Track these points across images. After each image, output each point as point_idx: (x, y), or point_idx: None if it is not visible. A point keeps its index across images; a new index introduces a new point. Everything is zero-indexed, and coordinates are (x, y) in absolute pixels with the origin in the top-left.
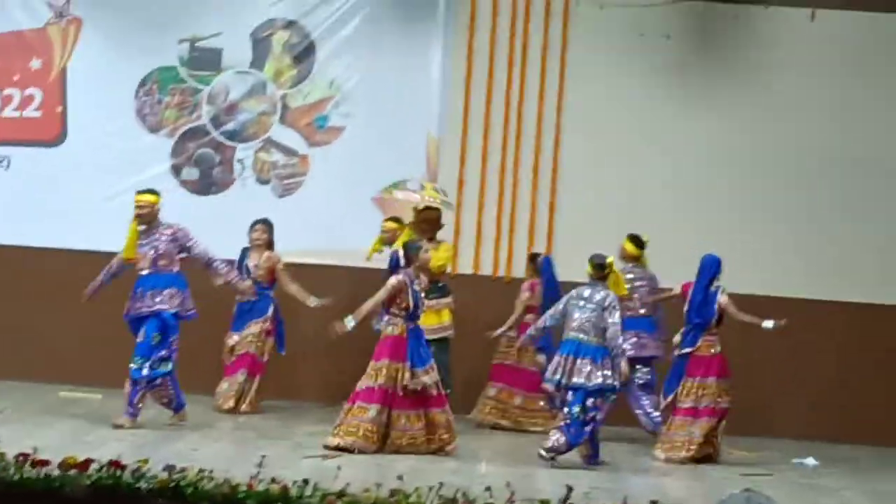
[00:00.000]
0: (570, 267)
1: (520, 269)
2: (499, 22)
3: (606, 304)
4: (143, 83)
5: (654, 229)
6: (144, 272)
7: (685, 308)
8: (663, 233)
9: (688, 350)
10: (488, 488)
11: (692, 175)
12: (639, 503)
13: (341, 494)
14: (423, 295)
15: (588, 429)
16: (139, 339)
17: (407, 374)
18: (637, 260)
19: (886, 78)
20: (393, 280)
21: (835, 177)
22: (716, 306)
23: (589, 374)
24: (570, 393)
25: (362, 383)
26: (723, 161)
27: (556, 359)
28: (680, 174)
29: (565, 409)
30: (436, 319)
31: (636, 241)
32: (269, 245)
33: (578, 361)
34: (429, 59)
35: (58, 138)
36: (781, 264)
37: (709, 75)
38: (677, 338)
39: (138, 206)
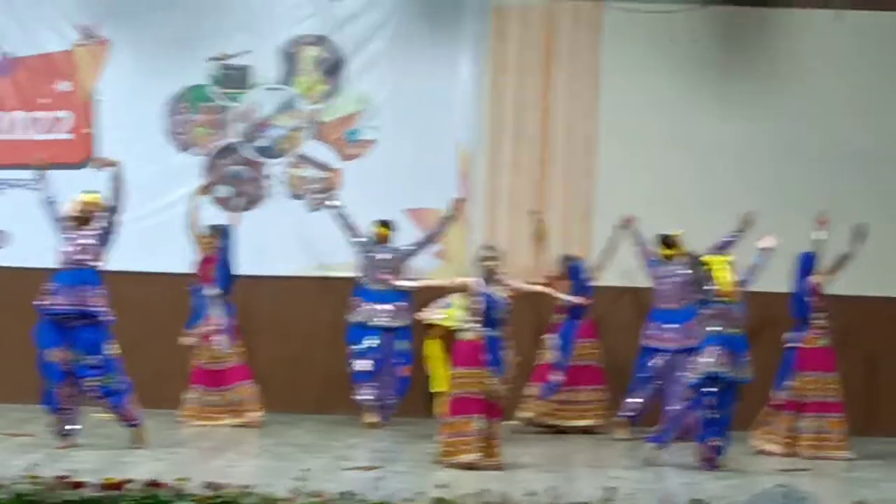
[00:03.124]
0: (606, 272)
1: None
2: (527, 30)
3: None
4: (173, 102)
5: (686, 230)
6: None
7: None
8: (695, 233)
9: (793, 344)
10: (531, 493)
11: (723, 176)
12: (680, 502)
13: None
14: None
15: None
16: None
17: (494, 381)
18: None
19: None
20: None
21: (862, 176)
22: (808, 299)
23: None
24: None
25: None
26: (753, 161)
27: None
28: (711, 175)
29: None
30: None
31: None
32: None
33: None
34: (458, 70)
35: (87, 160)
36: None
37: (737, 77)
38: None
39: None
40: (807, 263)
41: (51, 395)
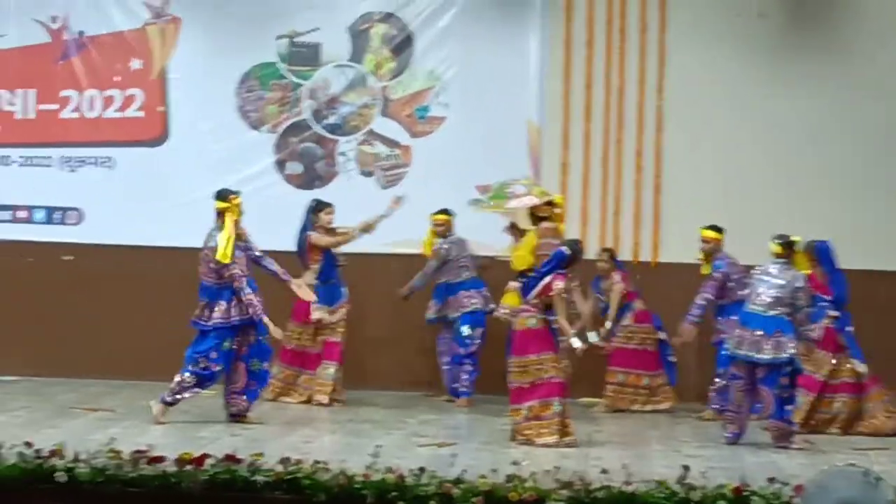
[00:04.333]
0: (675, 248)
1: (626, 251)
2: (595, 6)
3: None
4: (243, 80)
5: (754, 207)
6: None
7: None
8: (763, 211)
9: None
10: (605, 471)
11: (792, 153)
12: (755, 481)
13: (458, 482)
14: None
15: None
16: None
17: (566, 364)
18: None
19: None
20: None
21: None
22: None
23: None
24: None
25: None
26: (822, 139)
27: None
28: (780, 153)
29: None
30: None
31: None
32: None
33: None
34: (527, 46)
35: (160, 138)
36: (881, 239)
37: (806, 53)
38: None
39: None
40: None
41: (214, 375)
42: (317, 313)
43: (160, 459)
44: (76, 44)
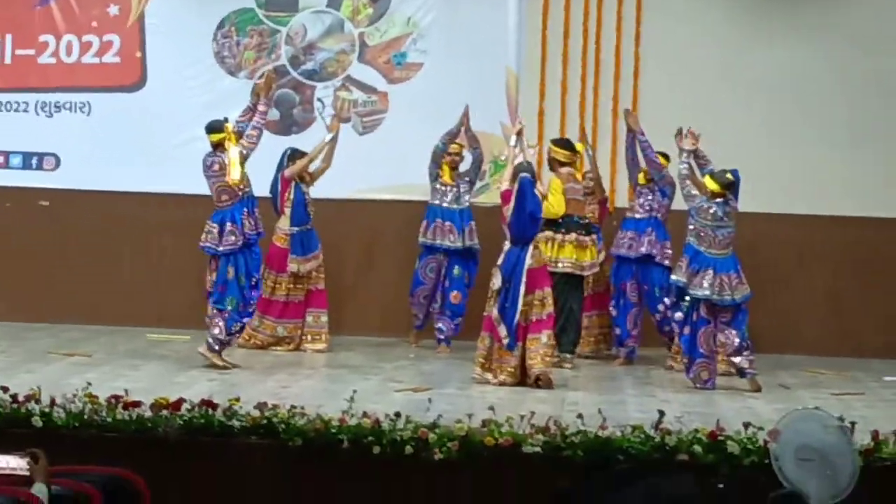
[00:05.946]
0: None
1: None
2: None
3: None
4: (220, 26)
5: (735, 157)
6: None
7: None
8: (744, 160)
9: None
10: (580, 415)
11: (773, 103)
12: (731, 425)
13: (433, 426)
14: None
15: None
16: None
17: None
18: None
19: None
20: None
21: None
22: None
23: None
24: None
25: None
26: (806, 89)
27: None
28: (760, 102)
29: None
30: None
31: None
32: None
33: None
34: None
35: (138, 83)
36: (869, 189)
37: (790, 2)
38: None
39: None
40: None
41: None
42: (293, 265)
43: (136, 404)
44: None
